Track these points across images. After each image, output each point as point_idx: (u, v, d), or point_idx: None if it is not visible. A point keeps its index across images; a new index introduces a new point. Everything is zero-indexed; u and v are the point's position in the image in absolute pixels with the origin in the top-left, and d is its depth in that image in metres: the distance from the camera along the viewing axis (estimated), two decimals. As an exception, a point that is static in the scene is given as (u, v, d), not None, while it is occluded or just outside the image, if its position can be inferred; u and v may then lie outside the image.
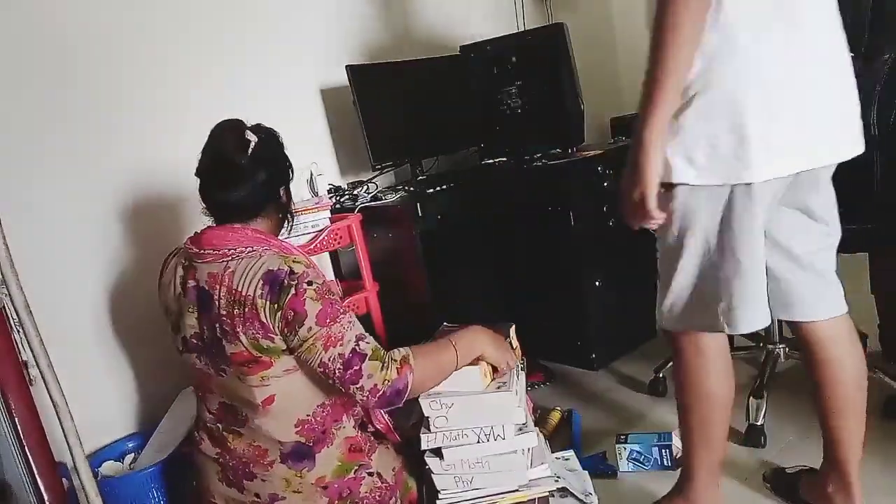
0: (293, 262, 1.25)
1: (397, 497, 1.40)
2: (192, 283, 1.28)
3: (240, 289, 1.21)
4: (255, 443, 1.30)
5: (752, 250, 1.16)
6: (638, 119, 1.09)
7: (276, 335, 1.22)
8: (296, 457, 1.29)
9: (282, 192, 1.37)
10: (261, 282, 1.21)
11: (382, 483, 1.37)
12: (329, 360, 1.21)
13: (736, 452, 1.69)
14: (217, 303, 1.23)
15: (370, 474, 1.36)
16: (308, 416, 1.30)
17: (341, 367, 1.21)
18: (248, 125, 1.33)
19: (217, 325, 1.24)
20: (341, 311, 1.25)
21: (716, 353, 1.30)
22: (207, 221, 1.35)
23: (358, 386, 1.22)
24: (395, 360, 1.25)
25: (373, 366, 1.23)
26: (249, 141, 1.28)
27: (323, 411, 1.32)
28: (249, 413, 1.29)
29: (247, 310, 1.20)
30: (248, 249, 1.26)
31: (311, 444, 1.30)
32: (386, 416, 1.47)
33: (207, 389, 1.35)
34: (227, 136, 1.30)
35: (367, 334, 1.28)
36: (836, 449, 1.36)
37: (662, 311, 1.30)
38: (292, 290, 1.20)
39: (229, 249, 1.26)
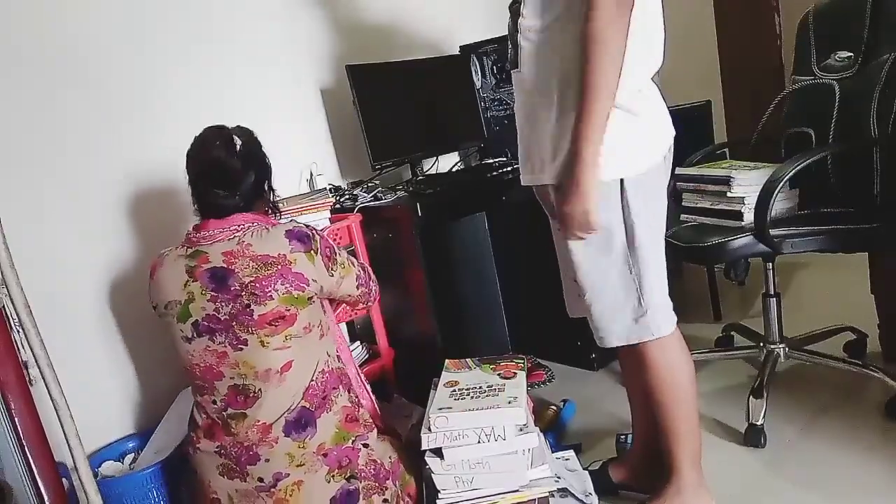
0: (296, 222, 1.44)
1: (396, 485, 1.42)
2: (204, 266, 1.34)
3: (267, 252, 1.34)
4: (260, 420, 1.33)
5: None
6: (577, 141, 1.17)
7: (308, 284, 1.36)
8: (298, 425, 1.34)
9: (266, 188, 1.49)
10: (286, 240, 1.36)
11: (380, 461, 1.42)
12: (359, 272, 1.54)
13: (736, 452, 1.69)
14: (239, 274, 1.32)
15: (366, 446, 1.41)
16: (312, 381, 1.38)
17: (362, 272, 1.56)
18: (229, 128, 1.42)
19: (242, 295, 1.31)
20: None
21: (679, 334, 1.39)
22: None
23: (374, 280, 1.63)
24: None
25: (366, 268, 1.60)
26: (237, 144, 1.39)
27: (323, 377, 1.40)
28: (263, 386, 1.33)
29: (280, 267, 1.33)
30: (254, 224, 1.39)
31: (313, 409, 1.37)
32: (372, 396, 1.57)
33: (216, 376, 1.35)
34: (217, 141, 1.39)
35: None
36: None
37: (628, 323, 1.33)
38: (318, 237, 1.42)
39: (238, 226, 1.37)
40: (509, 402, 1.40)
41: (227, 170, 1.38)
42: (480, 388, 1.49)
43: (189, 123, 1.44)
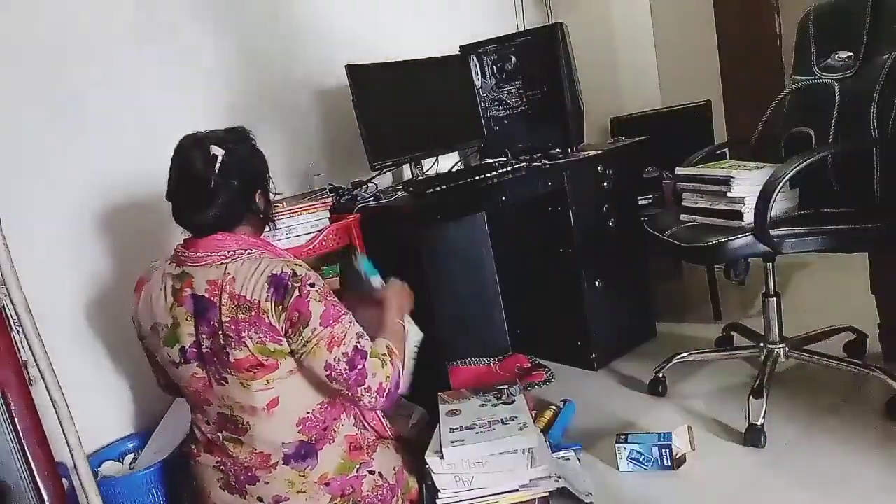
0: (294, 265, 1.26)
1: (399, 496, 1.40)
2: (187, 291, 1.26)
3: (244, 293, 1.21)
4: (258, 449, 1.30)
5: None
6: None
7: (283, 337, 1.23)
8: (298, 456, 1.30)
9: (257, 197, 1.36)
10: (266, 285, 1.21)
11: (384, 482, 1.38)
12: (334, 360, 1.23)
13: (736, 452, 1.69)
14: (219, 310, 1.22)
15: (371, 473, 1.37)
16: (308, 413, 1.31)
17: (346, 366, 1.23)
18: (212, 134, 1.31)
19: (219, 333, 1.23)
20: (342, 311, 1.27)
21: None
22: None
23: (365, 387, 1.25)
24: (386, 355, 1.30)
25: (374, 364, 1.26)
26: (216, 156, 1.25)
27: (322, 409, 1.33)
28: (251, 420, 1.28)
29: (253, 314, 1.21)
30: (246, 252, 1.27)
31: (314, 442, 1.31)
32: (380, 413, 1.49)
33: (204, 401, 1.33)
34: (192, 154, 1.27)
35: (364, 332, 1.29)
36: None
37: None
38: (296, 292, 1.21)
39: (229, 251, 1.26)
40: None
41: (202, 186, 1.25)
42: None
43: (189, 124, 1.44)
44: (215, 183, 1.26)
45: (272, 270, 1.22)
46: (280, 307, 1.21)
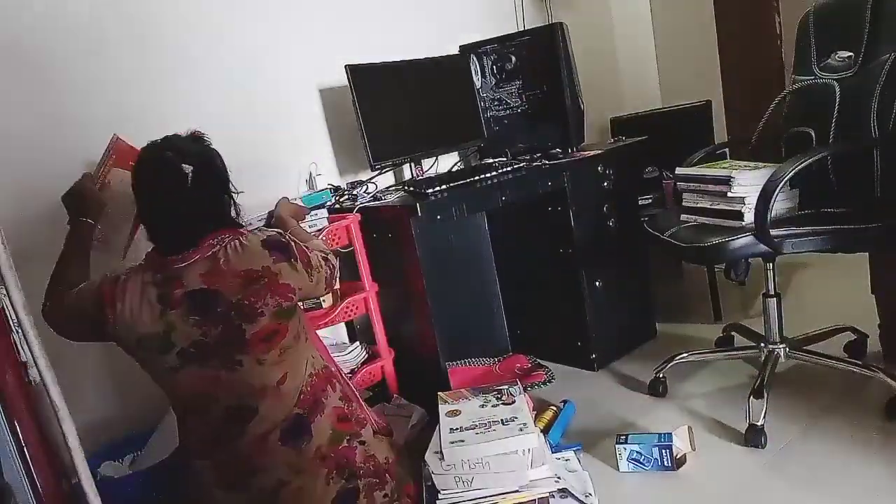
0: (266, 229, 1.43)
1: (391, 483, 1.42)
2: (179, 291, 1.27)
3: (249, 267, 1.29)
4: (259, 432, 1.33)
5: None
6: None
7: (294, 293, 1.34)
8: (295, 432, 1.34)
9: (227, 198, 1.39)
10: (266, 252, 1.32)
11: (377, 457, 1.42)
12: (327, 269, 1.46)
13: (736, 452, 1.69)
14: (225, 294, 1.27)
15: (362, 443, 1.41)
16: (303, 387, 1.37)
17: (327, 267, 1.47)
18: (175, 148, 1.29)
19: (231, 314, 1.27)
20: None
21: None
22: None
23: (335, 276, 1.51)
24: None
25: (332, 256, 1.55)
26: (186, 174, 1.26)
27: (312, 381, 1.39)
28: (260, 402, 1.32)
29: (266, 280, 1.29)
30: (227, 237, 1.32)
31: (307, 415, 1.36)
32: (365, 406, 1.55)
33: (211, 400, 1.33)
34: (161, 175, 1.28)
35: None
36: None
37: None
38: (292, 243, 1.38)
39: (212, 243, 1.30)
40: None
41: (177, 205, 1.29)
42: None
43: (191, 124, 1.43)
44: (190, 199, 1.29)
45: (261, 238, 1.34)
46: (293, 260, 1.35)
